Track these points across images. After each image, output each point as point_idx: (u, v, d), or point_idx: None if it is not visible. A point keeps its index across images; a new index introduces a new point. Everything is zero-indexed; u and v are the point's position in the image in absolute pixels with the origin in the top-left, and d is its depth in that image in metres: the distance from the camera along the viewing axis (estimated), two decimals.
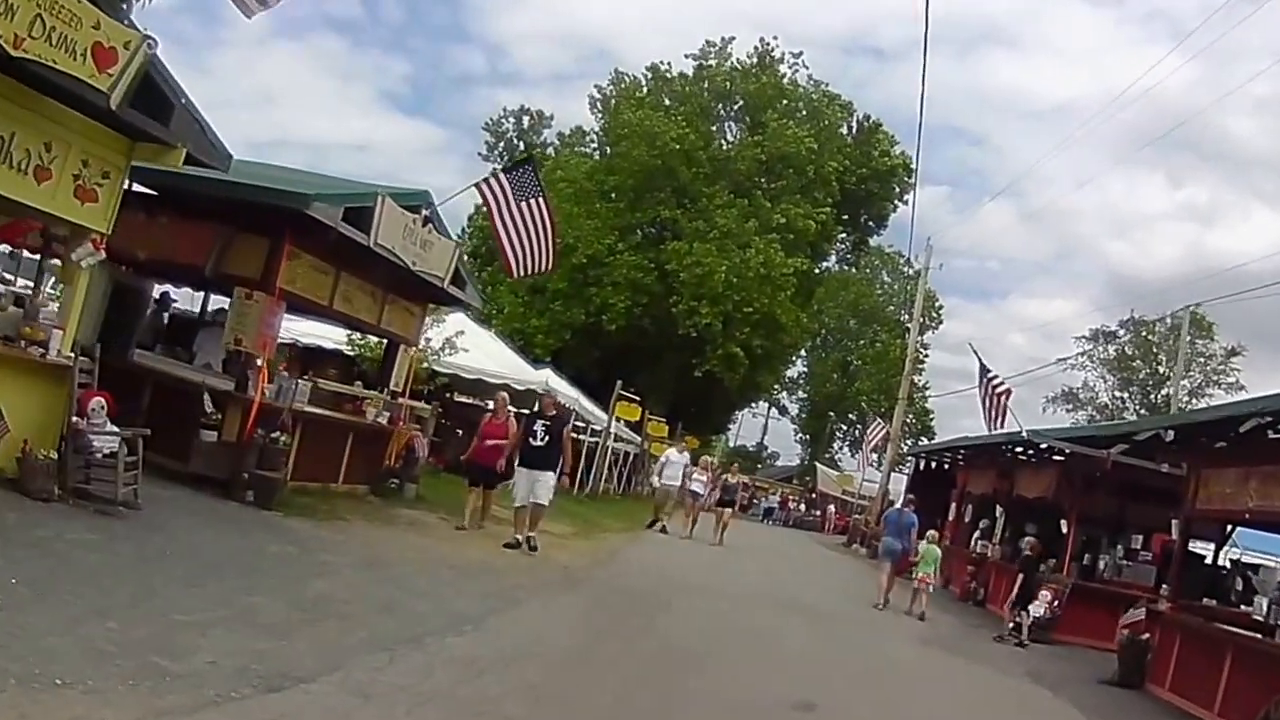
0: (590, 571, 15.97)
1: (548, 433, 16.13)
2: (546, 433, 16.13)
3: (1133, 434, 17.87)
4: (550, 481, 16.09)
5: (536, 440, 16.11)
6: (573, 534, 20.58)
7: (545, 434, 16.11)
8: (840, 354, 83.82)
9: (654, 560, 19.96)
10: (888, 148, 57.62)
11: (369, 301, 17.65)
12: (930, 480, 32.95)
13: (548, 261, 18.71)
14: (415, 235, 16.56)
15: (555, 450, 16.20)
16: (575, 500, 29.18)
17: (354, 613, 9.09)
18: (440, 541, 15.01)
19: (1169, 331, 53.06)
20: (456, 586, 11.72)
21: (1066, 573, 20.08)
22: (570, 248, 47.69)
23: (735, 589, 18.06)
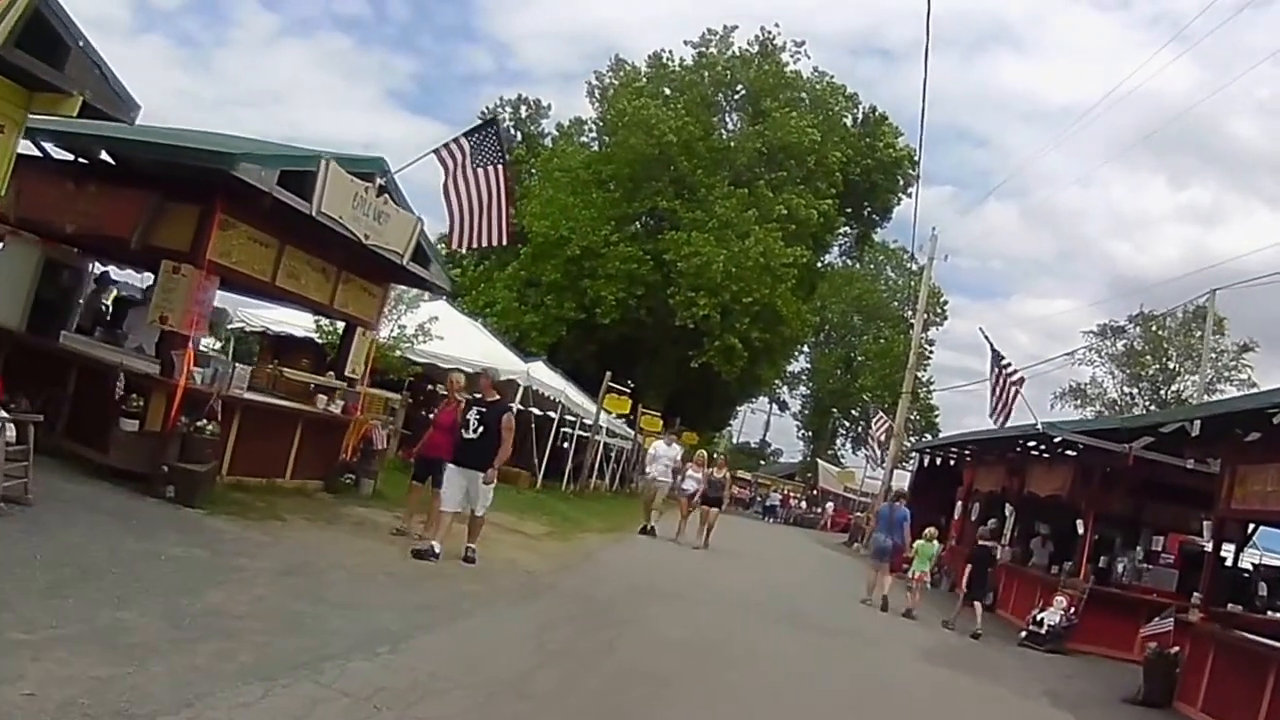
0: (557, 577, 14.27)
1: (482, 422, 13.16)
2: (481, 422, 13.16)
3: (1158, 426, 16.27)
4: (490, 480, 13.23)
5: (469, 431, 13.19)
6: (547, 534, 19.00)
7: (480, 424, 13.16)
8: (844, 350, 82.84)
9: (632, 564, 18.25)
10: (892, 139, 56.67)
11: (319, 279, 16.09)
12: (935, 477, 31.46)
13: (499, 235, 16.87)
14: (368, 206, 15.02)
15: (492, 444, 13.09)
16: (560, 497, 27.76)
17: (245, 630, 7.60)
18: (388, 544, 13.41)
19: (1180, 326, 51.57)
20: (390, 596, 10.18)
21: (1083, 576, 18.49)
22: (564, 239, 46.69)
23: (719, 597, 16.28)
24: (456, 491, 13.09)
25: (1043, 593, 19.33)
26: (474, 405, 13.58)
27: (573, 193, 49.49)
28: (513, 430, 13.56)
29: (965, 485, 28.60)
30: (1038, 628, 17.64)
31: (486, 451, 13.13)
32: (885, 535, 20.19)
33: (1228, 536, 22.84)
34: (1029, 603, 19.94)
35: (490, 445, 13.13)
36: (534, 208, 49.55)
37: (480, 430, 13.16)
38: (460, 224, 16.38)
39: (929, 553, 19.89)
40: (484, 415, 13.27)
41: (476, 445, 13.14)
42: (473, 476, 13.12)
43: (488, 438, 13.13)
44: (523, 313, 48.98)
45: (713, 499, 23.74)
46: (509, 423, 13.45)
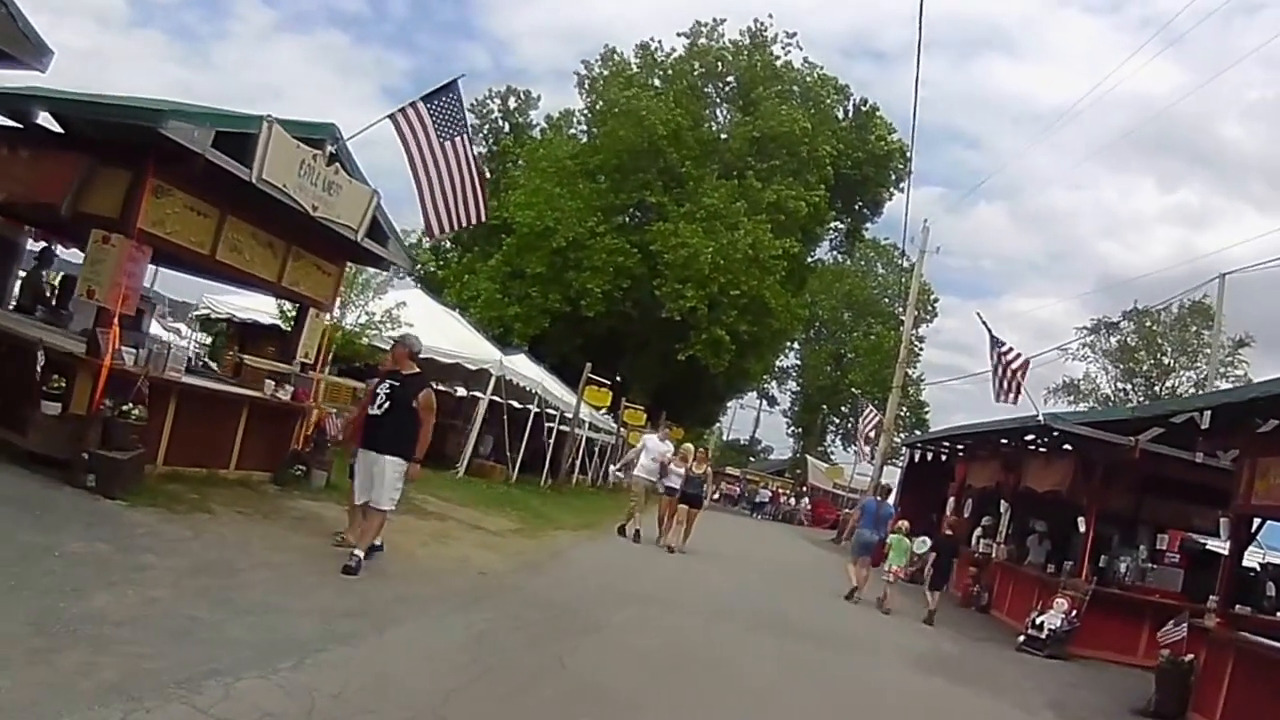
0: (515, 578, 12.99)
1: (392, 396, 10.97)
2: (391, 396, 10.98)
3: (1168, 416, 15.12)
4: (395, 473, 10.94)
5: (376, 408, 11.02)
6: (513, 531, 17.78)
7: (389, 399, 10.97)
8: (834, 346, 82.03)
9: (602, 564, 16.99)
10: (884, 132, 55.70)
11: (266, 255, 14.87)
12: (926, 473, 30.35)
13: (475, 214, 15.63)
14: (317, 175, 13.85)
15: (407, 423, 10.90)
16: (536, 492, 26.57)
17: (123, 639, 6.46)
18: (326, 540, 12.22)
19: (1175, 321, 50.65)
20: (314, 600, 9.00)
21: (1084, 577, 17.36)
22: (550, 230, 45.66)
23: (695, 600, 15.04)
24: (362, 479, 11.07)
25: (1041, 594, 18.25)
26: (386, 377, 11.46)
27: (559, 183, 48.32)
28: (433, 411, 11.26)
29: (957, 481, 27.47)
30: (1037, 632, 16.52)
31: (396, 433, 10.94)
32: (870, 531, 19.76)
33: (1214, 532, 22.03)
34: (1026, 604, 18.87)
35: (401, 426, 10.93)
36: (519, 198, 48.59)
37: (387, 406, 10.95)
38: (434, 208, 15.14)
39: (904, 546, 19.35)
40: (395, 389, 11.06)
41: (383, 424, 10.94)
42: (375, 461, 10.91)
43: (397, 415, 10.92)
44: (506, 304, 47.78)
45: (692, 497, 21.04)
46: (428, 401, 11.14)
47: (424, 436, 11.06)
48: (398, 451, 10.88)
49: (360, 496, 11.05)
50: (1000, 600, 21.02)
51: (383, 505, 10.91)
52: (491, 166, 59.24)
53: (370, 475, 10.95)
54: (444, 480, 22.21)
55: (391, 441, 10.89)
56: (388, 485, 10.89)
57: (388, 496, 10.92)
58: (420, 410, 11.02)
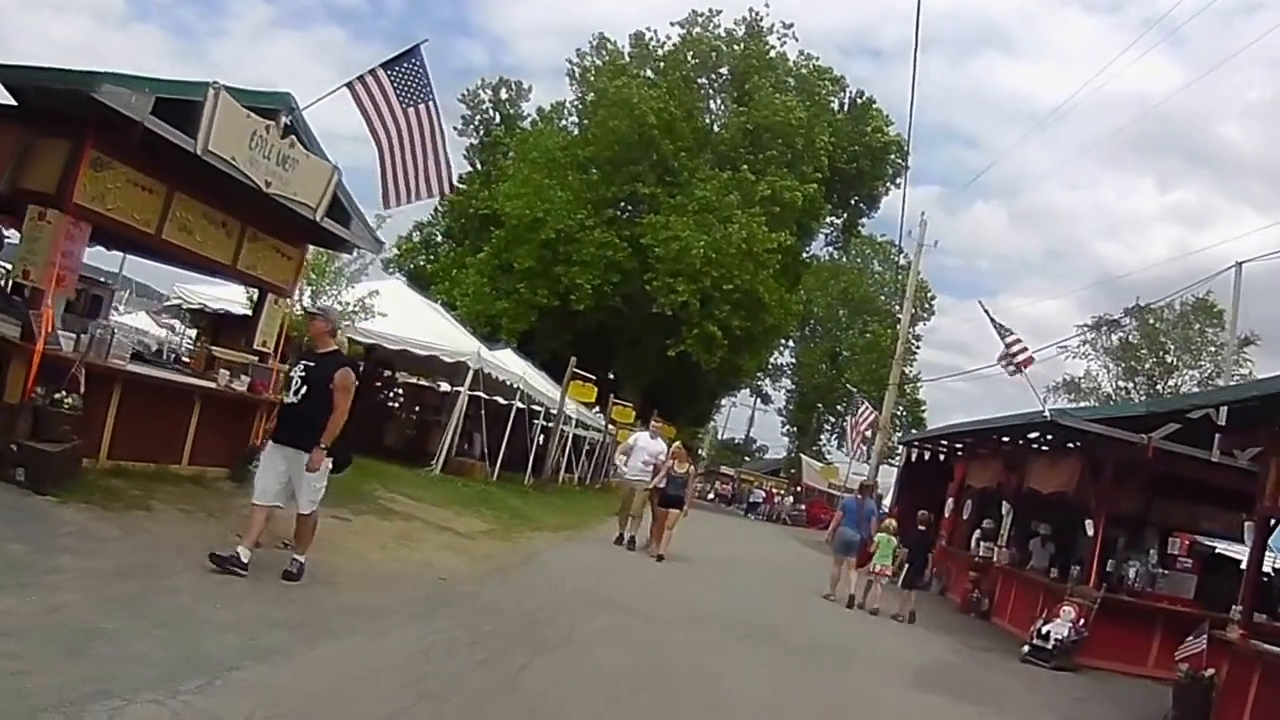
0: (479, 585, 11.92)
1: (309, 380, 9.45)
2: (307, 380, 9.46)
3: (1184, 411, 14.12)
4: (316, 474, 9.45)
5: (291, 394, 9.61)
6: (485, 532, 16.71)
7: (305, 383, 9.46)
8: (829, 344, 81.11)
9: (579, 569, 15.84)
10: (881, 124, 54.77)
11: (219, 235, 13.91)
12: (923, 472, 29.26)
13: (438, 185, 14.53)
14: (270, 148, 12.85)
15: (322, 410, 9.35)
16: (517, 491, 25.52)
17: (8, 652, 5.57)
18: (272, 541, 11.21)
19: (1178, 319, 49.70)
20: (244, 610, 7.99)
21: (1093, 584, 16.34)
22: (539, 222, 44.73)
23: (677, 608, 13.89)
24: (271, 479, 9.48)
25: (1046, 601, 17.21)
26: (302, 359, 9.93)
27: (549, 174, 47.38)
28: (349, 393, 9.52)
29: (956, 481, 26.45)
30: (1043, 641, 15.47)
31: (310, 422, 9.36)
32: (854, 529, 19.08)
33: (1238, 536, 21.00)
34: (1029, 611, 17.85)
35: (317, 414, 9.37)
36: (508, 189, 47.68)
37: (305, 391, 9.44)
38: (394, 177, 14.06)
39: (889, 546, 18.60)
40: (311, 371, 9.51)
41: (300, 413, 9.44)
42: (294, 458, 9.42)
43: (315, 401, 9.39)
44: (494, 299, 46.82)
45: (671, 498, 19.33)
46: (344, 381, 9.48)
47: (335, 421, 9.39)
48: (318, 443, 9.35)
49: (264, 497, 9.46)
50: (1002, 607, 20.00)
51: (304, 509, 9.50)
52: (482, 158, 58.67)
53: (282, 474, 9.47)
54: (417, 478, 21.21)
55: (310, 434, 9.36)
56: (308, 485, 9.45)
57: (307, 498, 9.48)
58: (336, 392, 9.40)
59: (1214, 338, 48.96)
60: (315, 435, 9.30)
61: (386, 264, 60.21)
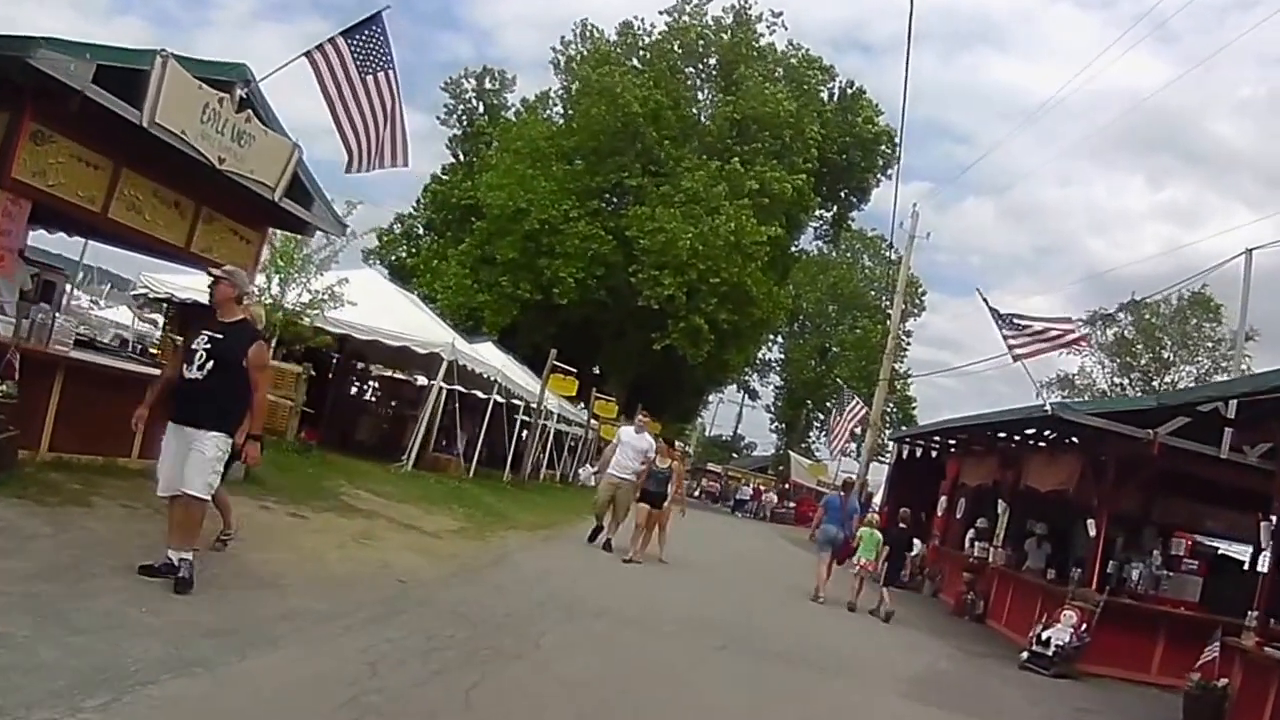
0: (442, 587, 11.04)
1: (214, 354, 8.13)
2: (213, 354, 8.14)
3: (1195, 404, 13.33)
4: (213, 451, 8.11)
5: (193, 369, 8.13)
6: (455, 531, 15.82)
7: (210, 356, 8.13)
8: (819, 339, 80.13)
9: (552, 571, 14.82)
10: (871, 115, 53.97)
11: (171, 215, 12.98)
12: (915, 470, 28.44)
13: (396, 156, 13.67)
14: (224, 122, 11.97)
15: (233, 388, 8.19)
16: (494, 488, 24.68)
17: None
18: (240, 544, 10.39)
19: (1175, 314, 48.99)
20: (174, 615, 7.17)
21: (1095, 586, 15.54)
22: (522, 212, 43.87)
23: (654, 613, 12.93)
24: (170, 462, 8.20)
25: (1045, 604, 16.43)
26: (204, 329, 8.41)
27: (533, 164, 46.48)
28: (266, 370, 8.59)
29: (950, 479, 25.62)
30: (1043, 648, 14.66)
31: (219, 401, 8.17)
32: (837, 527, 18.62)
33: (1242, 537, 20.24)
34: (1027, 614, 17.10)
35: (226, 392, 8.18)
36: (490, 179, 46.82)
37: (210, 366, 8.13)
38: (355, 143, 13.21)
39: (873, 541, 18.29)
40: (217, 344, 8.20)
41: (204, 389, 8.13)
42: (192, 439, 8.08)
43: (221, 378, 8.17)
44: (475, 291, 45.96)
45: (652, 496, 17.92)
46: (260, 357, 8.43)
47: (258, 405, 8.44)
48: (222, 425, 8.18)
49: (168, 486, 8.24)
50: (998, 609, 19.21)
51: (195, 489, 8.06)
52: (465, 148, 57.89)
53: (183, 457, 8.12)
54: (387, 474, 20.36)
55: (214, 413, 8.15)
56: (204, 465, 8.08)
57: (202, 480, 8.08)
58: (251, 370, 8.31)
59: (1211, 333, 48.36)
60: (218, 416, 8.16)
61: (367, 256, 59.85)
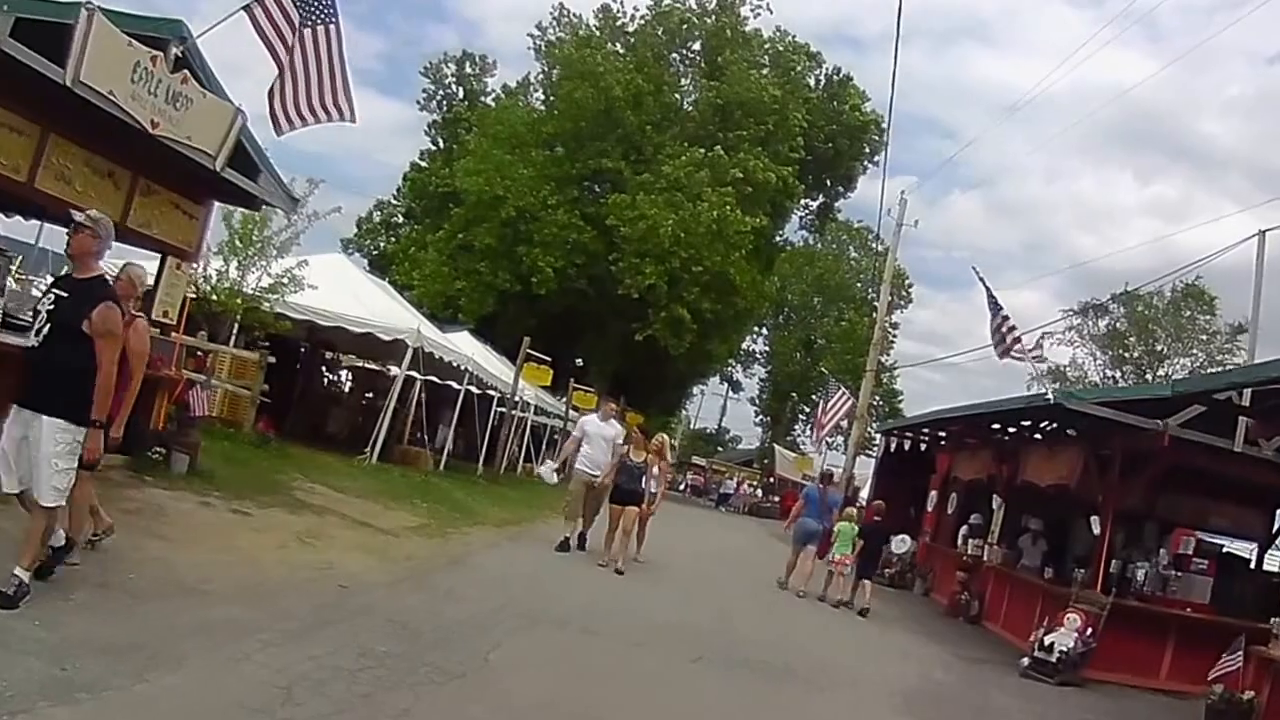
0: (389, 592, 9.91)
1: (55, 317, 6.69)
2: (54, 316, 6.70)
3: (1212, 391, 12.28)
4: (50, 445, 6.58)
5: (33, 335, 6.84)
6: (415, 528, 14.67)
7: (49, 320, 6.70)
8: (804, 331, 78.96)
9: (514, 573, 13.61)
10: (858, 102, 52.82)
11: (105, 186, 11.96)
12: (903, 464, 27.36)
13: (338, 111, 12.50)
14: (157, 83, 10.98)
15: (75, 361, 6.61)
16: (465, 482, 23.60)
17: None
18: (154, 538, 9.33)
19: (1168, 305, 48.14)
20: (70, 628, 6.24)
21: (1100, 587, 14.51)
22: (499, 199, 42.75)
23: (624, 621, 11.67)
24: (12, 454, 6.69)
25: (1045, 606, 15.44)
26: (53, 286, 7.15)
27: (511, 150, 45.20)
28: (117, 341, 6.81)
29: (940, 473, 24.55)
30: (1046, 654, 13.62)
31: (55, 376, 6.63)
32: (816, 520, 18.29)
33: (1245, 533, 19.27)
34: (1026, 616, 16.12)
35: (66, 365, 6.63)
36: (467, 164, 45.68)
37: (47, 331, 6.67)
38: (284, 101, 12.10)
39: (849, 534, 18.01)
40: (61, 304, 6.73)
41: (40, 361, 6.72)
42: (29, 424, 6.62)
43: (58, 346, 6.66)
44: (452, 278, 44.81)
45: (627, 493, 16.08)
46: (107, 323, 6.70)
47: (102, 385, 6.67)
48: (63, 410, 6.61)
49: (9, 481, 6.72)
50: (993, 611, 18.17)
51: (43, 498, 6.57)
52: (444, 134, 56.93)
53: (20, 447, 6.64)
54: (350, 468, 19.28)
55: (52, 393, 6.62)
56: (46, 463, 6.55)
57: (48, 484, 6.56)
58: (96, 341, 6.65)
59: (1206, 325, 47.58)
60: (55, 396, 6.61)
61: (346, 245, 58.94)
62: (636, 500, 16.14)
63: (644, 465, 16.43)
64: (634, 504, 16.06)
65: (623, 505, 15.96)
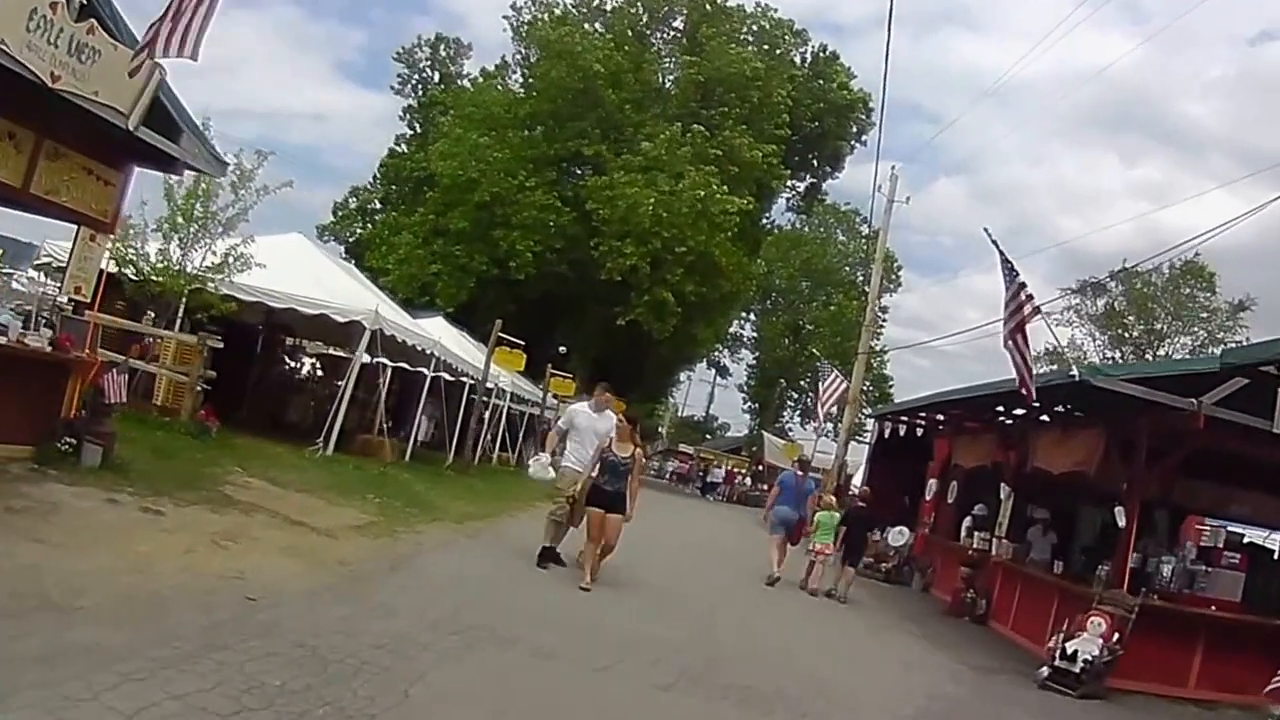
0: (307, 606, 8.20)
1: None
2: None
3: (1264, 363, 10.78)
4: None
5: None
6: (357, 527, 12.93)
7: None
8: (792, 316, 77.46)
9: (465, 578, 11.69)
10: (845, 79, 51.31)
11: (5, 149, 10.46)
12: (899, 450, 25.85)
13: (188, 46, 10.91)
14: (58, 32, 9.49)
15: None
16: (434, 474, 22.04)
17: None
18: (33, 544, 7.80)
19: (1167, 283, 46.78)
20: None
21: (1126, 587, 13.02)
22: (473, 182, 41.17)
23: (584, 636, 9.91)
24: None
25: (1062, 606, 13.96)
26: None
27: (486, 131, 43.57)
28: None
29: (939, 460, 23.03)
30: (1068, 663, 12.12)
31: None
32: (792, 507, 17.84)
33: (1269, 522, 17.85)
34: (1039, 617, 14.67)
35: None
36: (441, 147, 44.19)
37: None
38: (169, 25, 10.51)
39: (830, 523, 17.74)
40: None
41: None
42: None
43: None
44: (427, 262, 43.21)
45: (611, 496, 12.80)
46: None
47: None
48: None
49: None
50: (1002, 610, 16.68)
51: None
52: (419, 118, 55.59)
53: None
54: (300, 459, 17.72)
55: None
56: None
57: None
58: None
59: (1206, 303, 46.29)
60: None
61: (322, 231, 57.59)
62: (621, 505, 12.81)
63: (629, 461, 12.96)
64: (618, 510, 12.76)
65: (604, 511, 12.65)
